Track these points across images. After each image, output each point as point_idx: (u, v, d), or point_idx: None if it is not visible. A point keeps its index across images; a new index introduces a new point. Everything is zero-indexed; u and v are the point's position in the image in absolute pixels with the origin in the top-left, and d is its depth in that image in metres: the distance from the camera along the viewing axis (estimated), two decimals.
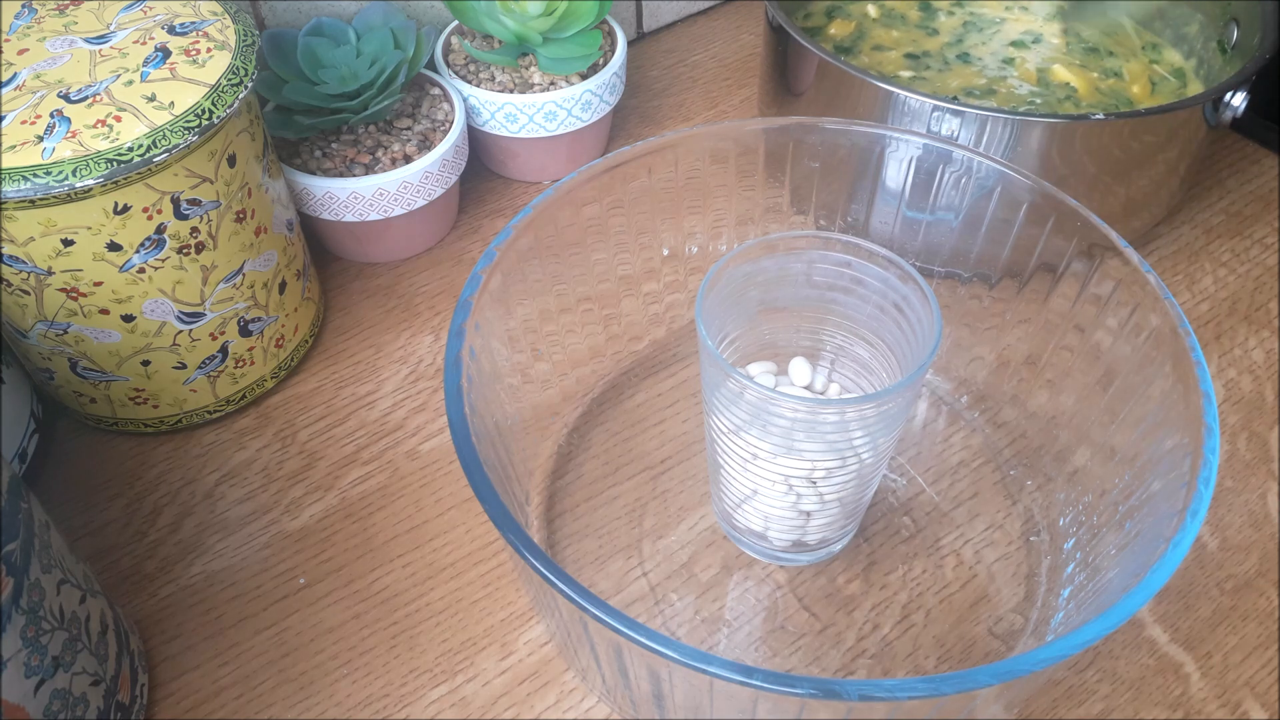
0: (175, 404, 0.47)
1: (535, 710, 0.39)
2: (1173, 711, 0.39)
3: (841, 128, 0.45)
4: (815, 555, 0.42)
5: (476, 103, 0.56)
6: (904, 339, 0.38)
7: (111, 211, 0.39)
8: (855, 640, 0.41)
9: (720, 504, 0.42)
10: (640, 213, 0.46)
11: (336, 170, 0.52)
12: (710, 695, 0.30)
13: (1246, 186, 0.59)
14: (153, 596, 0.43)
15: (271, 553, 0.44)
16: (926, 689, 0.28)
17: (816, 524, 0.40)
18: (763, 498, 0.39)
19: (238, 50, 0.42)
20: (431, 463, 0.47)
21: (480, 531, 0.45)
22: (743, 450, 0.37)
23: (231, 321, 0.46)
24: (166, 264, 0.42)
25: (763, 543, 0.42)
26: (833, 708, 0.28)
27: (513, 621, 0.42)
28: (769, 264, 0.39)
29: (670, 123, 0.65)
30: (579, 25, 0.56)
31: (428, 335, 0.53)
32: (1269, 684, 0.40)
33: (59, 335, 0.43)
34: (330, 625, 0.42)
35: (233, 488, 0.46)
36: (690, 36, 0.71)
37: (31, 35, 0.43)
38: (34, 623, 0.31)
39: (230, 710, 0.39)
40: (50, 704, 0.32)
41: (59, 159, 0.38)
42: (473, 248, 0.57)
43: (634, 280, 0.48)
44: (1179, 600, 0.42)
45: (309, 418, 0.49)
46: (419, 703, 0.40)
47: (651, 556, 0.43)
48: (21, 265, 0.40)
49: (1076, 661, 0.40)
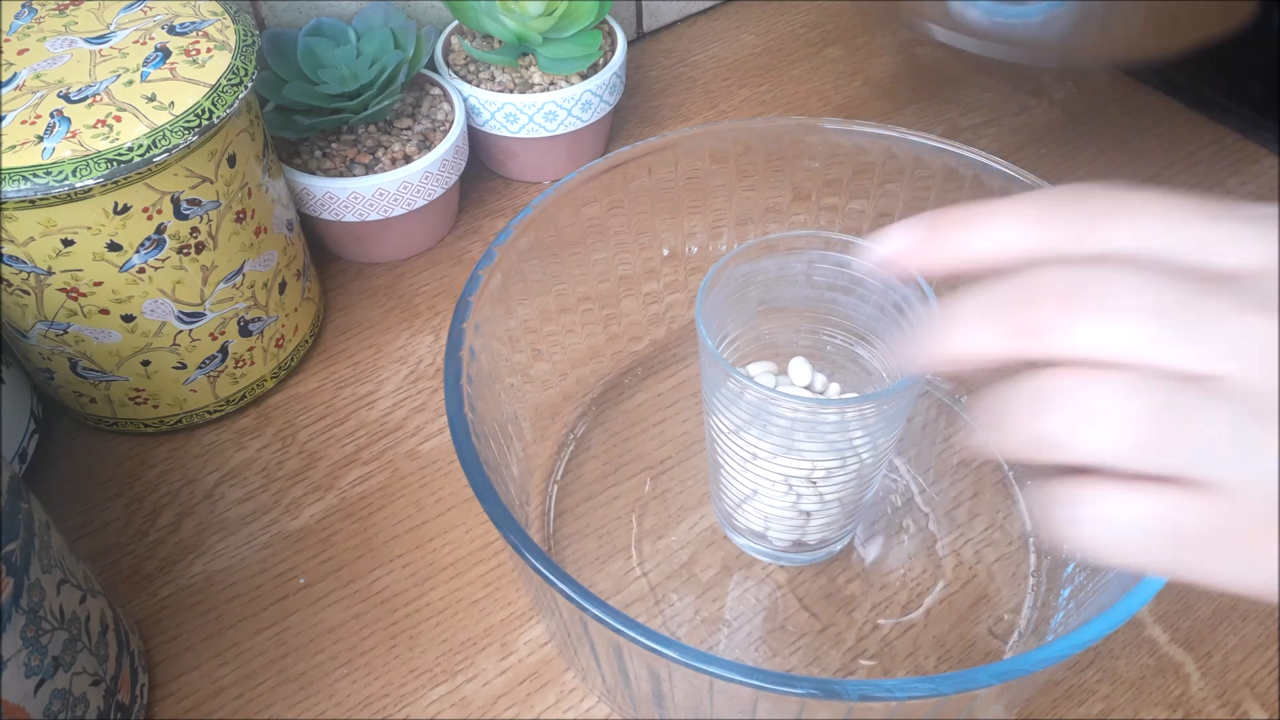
0: (175, 404, 0.47)
1: (535, 710, 0.39)
2: (1173, 711, 0.39)
3: (842, 127, 0.45)
4: (815, 555, 0.42)
5: (476, 103, 0.56)
6: (904, 339, 0.38)
7: (111, 211, 0.39)
8: (855, 640, 0.41)
9: (720, 504, 0.42)
10: (640, 213, 0.46)
11: (336, 170, 0.52)
12: (710, 695, 0.30)
13: (1246, 186, 0.59)
14: (153, 596, 0.43)
15: (271, 553, 0.44)
16: (926, 689, 0.28)
17: (816, 524, 0.40)
18: (763, 498, 0.39)
19: (238, 50, 0.42)
20: (431, 463, 0.47)
21: (480, 531, 0.45)
22: (742, 450, 0.37)
23: (231, 321, 0.46)
24: (166, 264, 0.42)
25: (763, 543, 0.42)
26: (833, 708, 0.28)
27: (513, 621, 0.42)
28: (769, 264, 0.39)
29: (670, 123, 0.65)
30: (579, 25, 0.56)
31: (428, 335, 0.53)
32: (1269, 684, 0.40)
33: (59, 335, 0.43)
34: (330, 625, 0.42)
35: (233, 488, 0.46)
36: (690, 36, 0.71)
37: (31, 35, 0.43)
38: (34, 623, 0.31)
39: (230, 710, 0.39)
40: (50, 704, 0.32)
41: (59, 159, 0.38)
42: (473, 248, 0.57)
43: (634, 280, 0.48)
44: (1179, 600, 0.42)
45: (309, 418, 0.49)
46: (419, 703, 0.40)
47: (651, 556, 0.43)
48: (21, 265, 0.40)
49: (1076, 661, 0.40)
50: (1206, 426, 0.20)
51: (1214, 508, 0.21)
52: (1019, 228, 0.23)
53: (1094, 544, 0.22)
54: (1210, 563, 0.21)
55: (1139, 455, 0.21)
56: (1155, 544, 0.21)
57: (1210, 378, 0.21)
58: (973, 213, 0.24)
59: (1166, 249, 0.22)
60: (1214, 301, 0.21)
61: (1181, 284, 0.21)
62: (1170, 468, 0.21)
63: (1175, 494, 0.21)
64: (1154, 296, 0.21)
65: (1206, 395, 0.21)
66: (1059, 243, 0.23)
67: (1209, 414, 0.20)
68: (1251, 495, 0.20)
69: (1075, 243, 0.22)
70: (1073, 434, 0.22)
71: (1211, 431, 0.20)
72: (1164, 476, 0.21)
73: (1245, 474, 0.20)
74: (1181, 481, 0.21)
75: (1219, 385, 0.21)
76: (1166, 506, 0.21)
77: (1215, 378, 0.21)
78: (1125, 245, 0.22)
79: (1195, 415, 0.21)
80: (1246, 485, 0.20)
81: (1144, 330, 0.21)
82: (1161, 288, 0.21)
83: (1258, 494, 0.20)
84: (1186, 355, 0.21)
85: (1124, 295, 0.21)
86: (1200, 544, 0.21)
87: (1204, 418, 0.21)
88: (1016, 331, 0.22)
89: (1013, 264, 0.23)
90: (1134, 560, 0.22)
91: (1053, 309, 0.21)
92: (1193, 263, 0.22)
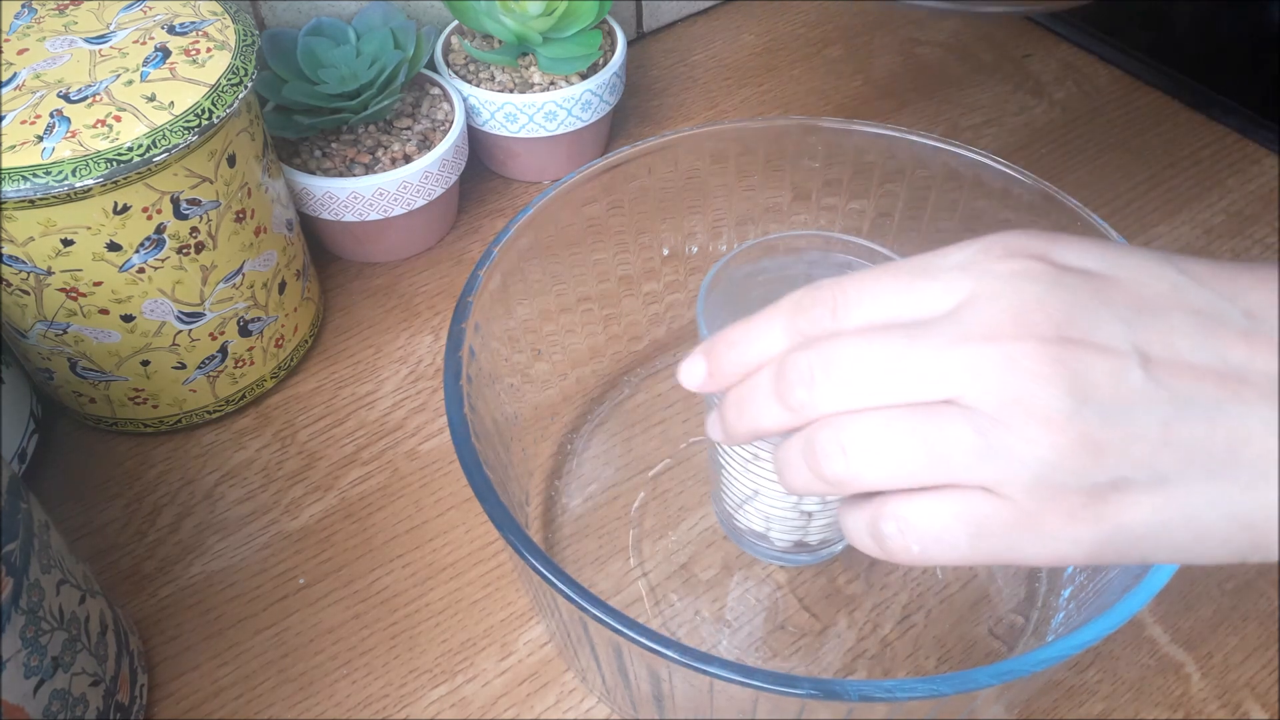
0: (175, 404, 0.47)
1: (535, 710, 0.39)
2: (1173, 711, 0.39)
3: (842, 127, 0.45)
4: (817, 556, 0.42)
5: (476, 103, 0.56)
6: None
7: (111, 211, 0.39)
8: (855, 640, 0.41)
9: (721, 505, 0.42)
10: (640, 213, 0.46)
11: (336, 170, 0.52)
12: (710, 695, 0.30)
13: (1246, 186, 0.59)
14: (152, 596, 0.43)
15: (271, 553, 0.44)
16: (926, 689, 0.28)
17: (818, 524, 0.40)
18: (764, 498, 0.39)
19: (238, 50, 0.42)
20: (431, 463, 0.47)
21: (480, 531, 0.45)
22: (744, 451, 0.37)
23: (231, 321, 0.46)
24: (166, 264, 0.42)
25: (764, 543, 0.42)
26: (833, 708, 0.28)
27: (513, 621, 0.42)
28: (769, 264, 0.39)
29: (670, 123, 0.65)
30: (579, 25, 0.56)
31: (428, 335, 0.53)
32: (1269, 684, 0.40)
33: (58, 335, 0.43)
34: (330, 625, 0.42)
35: (232, 488, 0.46)
36: (690, 36, 0.71)
37: (31, 35, 0.43)
38: (33, 623, 0.31)
39: (230, 710, 0.39)
40: (50, 704, 0.32)
41: (59, 159, 0.38)
42: (473, 248, 0.57)
43: (634, 280, 0.48)
44: (1179, 600, 0.42)
45: (309, 418, 0.49)
46: (419, 703, 0.40)
47: (651, 557, 0.43)
48: (21, 265, 0.40)
49: (1077, 662, 0.40)
50: (959, 439, 0.24)
51: (998, 501, 0.25)
52: (775, 334, 0.28)
53: (907, 553, 0.26)
54: (1012, 548, 0.25)
55: (912, 472, 0.25)
56: (961, 540, 0.25)
57: (946, 401, 0.25)
58: (738, 333, 0.29)
59: (887, 314, 0.27)
60: (931, 341, 0.25)
61: (902, 335, 0.26)
62: (942, 477, 0.25)
63: (962, 494, 0.25)
64: (882, 349, 0.26)
65: (950, 414, 0.25)
66: (805, 334, 0.28)
67: (957, 429, 0.24)
68: (1018, 487, 0.24)
69: (817, 330, 0.27)
70: (851, 470, 0.26)
71: (965, 442, 0.24)
72: (940, 486, 0.25)
73: (1005, 472, 0.24)
74: (959, 486, 0.25)
75: (955, 406, 0.25)
76: (962, 507, 0.25)
77: (950, 401, 0.25)
78: (855, 321, 0.27)
79: (946, 430, 0.25)
80: (1010, 480, 0.24)
81: (880, 379, 0.25)
82: (888, 341, 0.26)
83: (1021, 485, 0.24)
84: (921, 389, 0.25)
85: (855, 359, 0.26)
86: (999, 533, 0.25)
87: (954, 431, 0.24)
88: (788, 408, 0.27)
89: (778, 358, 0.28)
90: (945, 558, 0.26)
91: (803, 387, 0.26)
92: (909, 318, 0.26)
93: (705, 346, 0.30)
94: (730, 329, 0.29)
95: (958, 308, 0.26)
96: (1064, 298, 0.25)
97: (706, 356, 0.30)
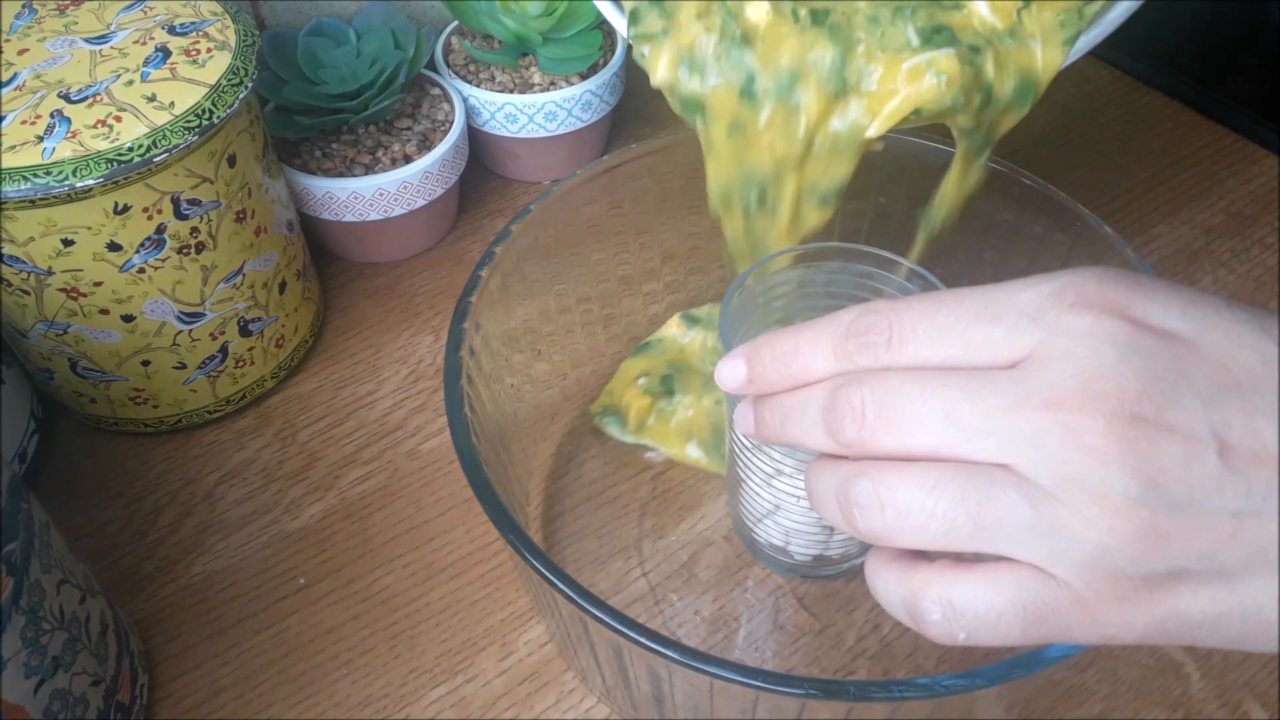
0: (175, 404, 0.47)
1: (535, 710, 0.39)
2: (1173, 711, 0.39)
3: None
4: (838, 570, 0.42)
5: (476, 103, 0.56)
6: None
7: (111, 211, 0.39)
8: (855, 640, 0.41)
9: (739, 519, 0.42)
10: (640, 213, 0.46)
11: (336, 170, 0.52)
12: (710, 695, 0.30)
13: (1246, 186, 0.59)
14: (153, 596, 0.43)
15: (271, 553, 0.44)
16: (926, 689, 0.28)
17: (840, 538, 0.39)
18: (785, 513, 0.38)
19: (238, 50, 0.42)
20: (431, 463, 0.47)
21: (480, 531, 0.45)
22: (766, 466, 0.37)
23: (231, 321, 0.46)
24: (166, 264, 0.42)
25: (784, 557, 0.41)
26: (833, 708, 0.28)
27: (513, 621, 0.42)
28: (791, 276, 0.39)
29: (670, 123, 0.64)
30: (579, 25, 0.56)
31: (428, 335, 0.53)
32: (1269, 684, 0.40)
33: (59, 335, 0.43)
34: (330, 625, 0.42)
35: (233, 488, 0.46)
36: None
37: (31, 35, 0.43)
38: (34, 623, 0.31)
39: (230, 710, 0.39)
40: (50, 704, 0.32)
41: (59, 159, 0.38)
42: (473, 248, 0.57)
43: (634, 280, 0.48)
44: None
45: (309, 418, 0.49)
46: (419, 703, 0.40)
47: (651, 556, 0.43)
48: (21, 265, 0.40)
49: (1076, 661, 0.40)
50: (1010, 510, 0.23)
51: (1053, 584, 0.23)
52: (823, 352, 0.27)
53: (951, 639, 0.25)
54: (1065, 632, 0.24)
55: (957, 538, 0.24)
56: (1015, 628, 0.24)
57: (999, 466, 0.23)
58: (786, 344, 0.27)
59: (944, 355, 0.25)
60: (992, 400, 0.23)
61: (960, 388, 0.24)
62: (987, 546, 0.24)
63: (1015, 576, 0.24)
64: (938, 400, 0.24)
65: (1003, 482, 0.23)
66: (855, 360, 0.26)
67: (1009, 498, 0.23)
68: (1070, 568, 0.23)
69: (868, 359, 0.26)
70: (888, 529, 0.25)
71: (1018, 514, 0.23)
72: (985, 559, 0.24)
73: (1058, 552, 0.23)
74: (1010, 562, 0.24)
75: (1009, 472, 0.23)
76: (1017, 591, 0.23)
77: (1003, 466, 0.23)
78: (910, 357, 0.25)
79: (997, 499, 0.23)
80: (1062, 560, 0.23)
81: (934, 432, 0.24)
82: (946, 391, 0.24)
83: (1074, 565, 0.23)
84: (975, 449, 0.23)
85: (910, 406, 0.24)
86: (1053, 619, 0.23)
87: (1005, 500, 0.23)
88: (835, 440, 0.26)
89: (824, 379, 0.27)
90: (993, 641, 0.24)
91: (854, 425, 0.25)
92: (968, 362, 0.24)
93: (747, 350, 0.29)
94: (777, 337, 0.28)
95: (1023, 363, 0.24)
96: (1139, 368, 0.22)
97: (748, 361, 0.29)
